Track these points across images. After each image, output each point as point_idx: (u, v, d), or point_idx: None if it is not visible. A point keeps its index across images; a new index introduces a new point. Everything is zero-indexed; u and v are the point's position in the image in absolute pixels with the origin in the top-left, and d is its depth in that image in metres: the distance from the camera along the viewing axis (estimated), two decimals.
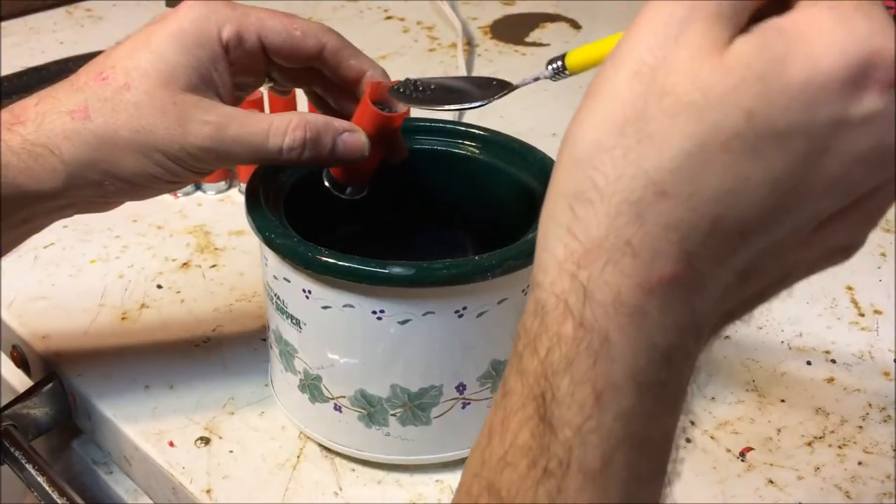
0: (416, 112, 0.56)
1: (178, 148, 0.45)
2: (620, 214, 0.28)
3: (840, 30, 0.27)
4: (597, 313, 0.28)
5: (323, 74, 0.50)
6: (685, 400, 0.30)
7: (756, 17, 0.29)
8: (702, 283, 0.28)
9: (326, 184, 0.50)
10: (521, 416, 0.29)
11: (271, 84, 0.52)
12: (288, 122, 0.46)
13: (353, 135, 0.47)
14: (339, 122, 0.47)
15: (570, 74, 0.43)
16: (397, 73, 0.47)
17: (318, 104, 0.53)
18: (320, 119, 0.47)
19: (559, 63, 0.42)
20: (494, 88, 0.47)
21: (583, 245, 0.28)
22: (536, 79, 0.44)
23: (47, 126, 0.44)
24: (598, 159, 0.28)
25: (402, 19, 1.07)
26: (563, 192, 0.29)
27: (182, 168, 0.46)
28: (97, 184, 0.45)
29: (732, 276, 0.29)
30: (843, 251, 0.32)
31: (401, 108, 0.48)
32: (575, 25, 1.06)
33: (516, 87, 0.46)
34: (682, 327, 0.29)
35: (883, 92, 0.27)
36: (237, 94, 0.49)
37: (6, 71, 0.91)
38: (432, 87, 0.48)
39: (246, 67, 0.49)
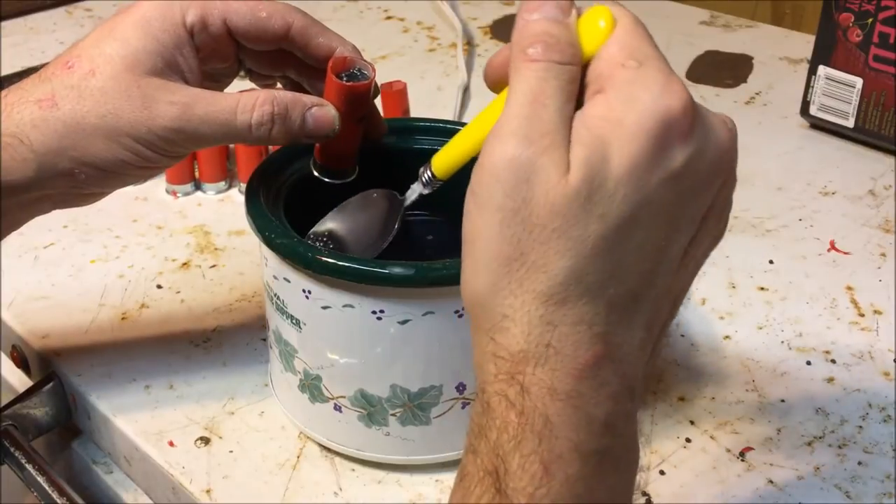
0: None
1: (145, 131, 0.45)
2: (534, 328, 0.32)
3: (631, 112, 0.32)
4: (536, 403, 0.32)
5: (295, 57, 0.50)
6: (637, 453, 0.35)
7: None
8: (620, 350, 0.33)
9: (315, 172, 0.50)
10: (478, 490, 0.32)
11: (247, 75, 0.52)
12: (255, 98, 0.46)
13: (321, 109, 0.47)
14: (307, 98, 0.47)
15: (442, 180, 0.43)
16: (397, 74, 0.47)
17: (295, 91, 0.53)
18: (288, 94, 0.47)
19: (428, 173, 0.44)
20: (391, 209, 0.49)
21: (509, 361, 0.33)
22: (419, 194, 0.46)
23: (16, 116, 0.45)
24: (499, 297, 0.33)
25: (402, 19, 1.07)
26: (480, 329, 0.34)
27: (152, 152, 0.46)
28: (68, 172, 0.45)
29: (641, 330, 0.34)
30: (712, 248, 0.37)
31: (365, 77, 0.48)
32: None
33: (405, 206, 0.48)
34: (616, 395, 0.33)
35: (686, 139, 0.32)
36: (211, 85, 0.49)
37: (6, 71, 0.91)
38: (329, 235, 0.50)
39: (214, 52, 0.49)
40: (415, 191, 0.46)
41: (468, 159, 0.40)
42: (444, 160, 0.42)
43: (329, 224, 0.50)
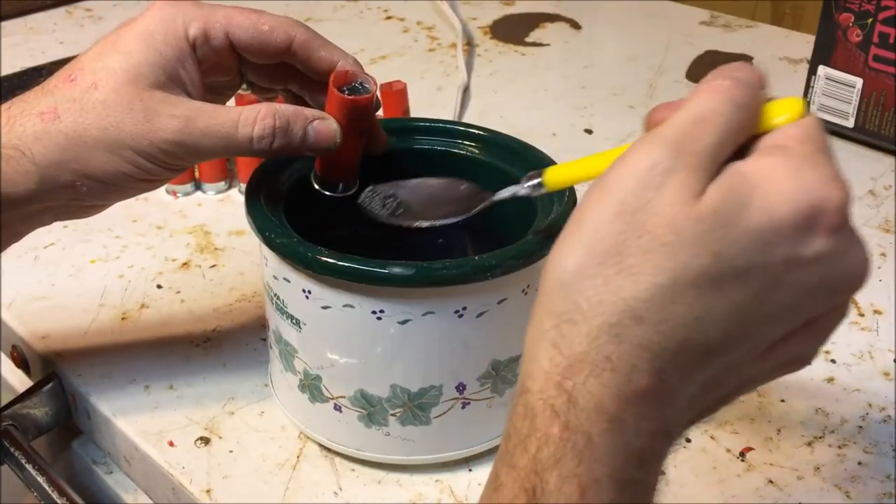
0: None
1: (147, 143, 0.45)
2: (601, 334, 0.31)
3: (792, 181, 0.31)
4: (581, 418, 0.31)
5: (297, 71, 0.50)
6: (653, 498, 0.34)
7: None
8: (671, 395, 0.32)
9: (315, 185, 0.51)
10: None
11: (249, 87, 0.52)
12: (257, 112, 0.46)
13: (323, 122, 0.47)
14: (308, 111, 0.47)
15: (548, 191, 0.43)
16: (397, 74, 0.47)
17: (296, 104, 0.53)
18: (290, 108, 0.47)
19: (537, 180, 0.43)
20: (470, 197, 0.47)
21: (567, 359, 0.32)
22: (514, 194, 0.44)
23: (18, 129, 0.45)
24: (582, 285, 0.32)
25: (402, 19, 1.07)
26: (549, 310, 0.33)
27: (154, 165, 0.46)
28: (70, 185, 0.45)
29: (697, 388, 0.33)
30: (796, 364, 0.36)
31: (367, 91, 0.48)
32: (575, 25, 1.06)
33: (493, 202, 0.46)
34: (655, 433, 0.32)
35: (829, 235, 0.32)
36: (213, 98, 0.49)
37: (6, 71, 0.91)
38: (395, 196, 0.48)
39: (216, 66, 0.49)
40: (511, 191, 0.44)
41: (584, 181, 0.39)
42: (562, 174, 0.42)
43: (401, 190, 0.49)
